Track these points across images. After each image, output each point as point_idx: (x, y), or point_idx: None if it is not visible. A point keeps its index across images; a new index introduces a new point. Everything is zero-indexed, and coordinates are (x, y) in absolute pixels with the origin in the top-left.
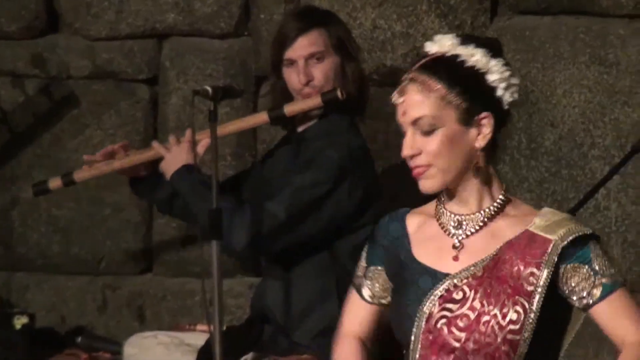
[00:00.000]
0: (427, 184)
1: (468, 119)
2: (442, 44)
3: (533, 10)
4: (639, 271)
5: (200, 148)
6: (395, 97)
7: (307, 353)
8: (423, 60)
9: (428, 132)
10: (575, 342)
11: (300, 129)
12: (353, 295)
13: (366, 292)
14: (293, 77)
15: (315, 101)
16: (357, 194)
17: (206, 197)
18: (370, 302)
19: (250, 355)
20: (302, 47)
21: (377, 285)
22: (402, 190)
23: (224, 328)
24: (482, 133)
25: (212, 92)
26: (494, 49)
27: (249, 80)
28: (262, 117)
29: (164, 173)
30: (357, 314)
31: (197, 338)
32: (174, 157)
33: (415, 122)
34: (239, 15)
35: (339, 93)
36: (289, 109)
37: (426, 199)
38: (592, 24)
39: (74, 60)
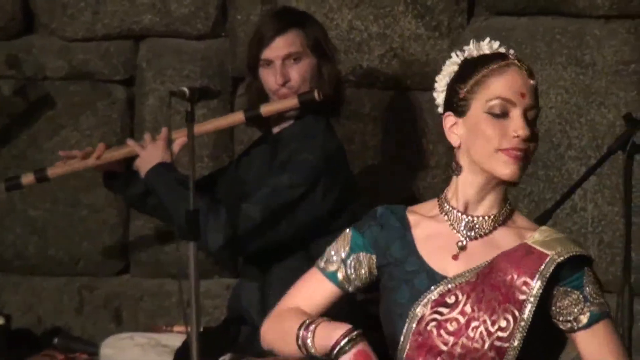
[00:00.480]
0: (520, 168)
1: None
2: (495, 45)
3: (510, 11)
4: (615, 272)
5: (176, 146)
6: (523, 77)
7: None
8: (510, 54)
9: (533, 121)
10: None
11: (276, 129)
12: (317, 275)
13: (340, 274)
14: (270, 78)
15: (292, 102)
16: (332, 195)
17: (181, 196)
18: (339, 284)
19: (227, 356)
20: (279, 47)
21: (353, 272)
22: (380, 191)
23: (201, 329)
24: None
25: (189, 93)
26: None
27: (226, 81)
28: (238, 116)
29: (139, 171)
30: (321, 296)
31: (174, 339)
32: (149, 154)
33: (529, 110)
34: (216, 16)
35: (315, 94)
36: (266, 109)
37: (404, 200)
38: (568, 25)
39: (50, 61)
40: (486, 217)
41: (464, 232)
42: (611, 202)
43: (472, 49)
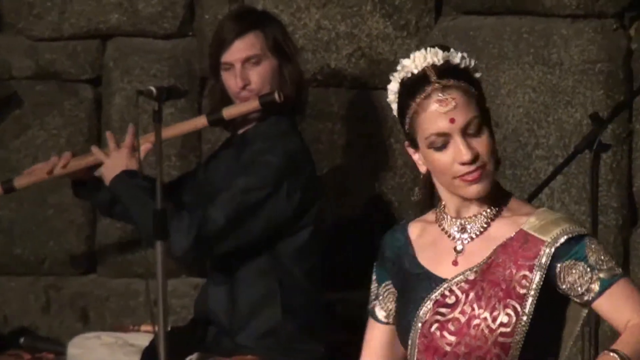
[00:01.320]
0: (481, 187)
1: (485, 108)
2: (429, 56)
3: (477, 11)
4: None
5: (141, 153)
6: (442, 107)
7: (250, 354)
8: (433, 70)
9: (476, 133)
10: None
11: (240, 131)
12: (369, 323)
13: (380, 314)
14: (230, 81)
15: (253, 104)
16: (296, 196)
17: (144, 203)
18: (386, 322)
19: (194, 356)
20: (238, 50)
21: (389, 303)
22: (347, 190)
23: (168, 328)
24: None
25: (156, 93)
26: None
27: (194, 80)
28: (201, 121)
29: (104, 179)
30: (375, 339)
31: (141, 338)
32: (113, 162)
33: (466, 126)
34: (183, 16)
35: (276, 96)
36: (228, 112)
37: (371, 199)
38: (535, 24)
39: (16, 60)
40: (478, 216)
41: (458, 235)
42: (578, 201)
43: (400, 69)
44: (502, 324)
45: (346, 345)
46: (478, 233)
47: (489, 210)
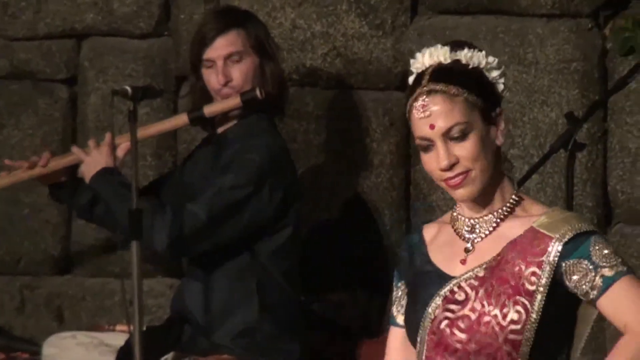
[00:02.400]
0: (466, 191)
1: (489, 117)
2: (436, 54)
3: (453, 10)
4: None
5: (120, 151)
6: (420, 114)
7: (226, 353)
8: (427, 74)
9: (460, 138)
10: None
11: (220, 129)
12: (390, 330)
13: (397, 314)
14: (212, 78)
15: (235, 101)
16: (277, 195)
17: (127, 199)
18: (402, 325)
19: (170, 355)
20: (220, 47)
21: (404, 302)
22: (324, 190)
23: (144, 328)
24: (499, 129)
25: (132, 92)
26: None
27: (169, 80)
28: (182, 118)
29: (84, 177)
30: (393, 345)
31: (117, 338)
32: (93, 160)
33: (447, 132)
34: (159, 15)
35: (258, 92)
36: (209, 109)
37: (348, 199)
38: (511, 24)
39: None
40: (489, 215)
41: (467, 235)
42: (554, 200)
43: (412, 65)
44: (512, 321)
45: (323, 345)
46: (487, 233)
47: (500, 211)
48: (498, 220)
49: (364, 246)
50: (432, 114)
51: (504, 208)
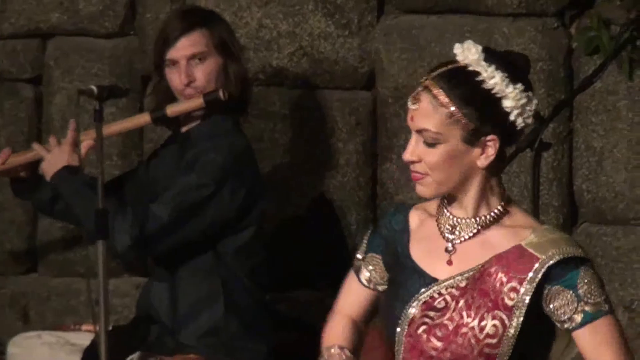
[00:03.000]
0: (420, 190)
1: (473, 140)
2: (467, 54)
3: (419, 9)
4: None
5: (83, 149)
6: (410, 102)
7: (193, 353)
8: (444, 68)
9: (429, 144)
10: None
11: (184, 129)
12: (351, 277)
13: (363, 276)
14: (175, 78)
15: (197, 102)
16: (240, 195)
17: (87, 198)
18: (367, 286)
19: (136, 355)
20: (184, 47)
21: (375, 272)
22: (290, 190)
23: (110, 328)
24: (486, 154)
25: (97, 92)
26: (518, 71)
27: (135, 79)
28: (144, 118)
29: (45, 174)
30: (353, 296)
31: (83, 338)
32: (54, 158)
33: (420, 131)
34: (125, 15)
35: (221, 94)
36: (171, 110)
37: (314, 199)
38: (477, 23)
39: None
40: (472, 219)
41: (447, 235)
42: (520, 200)
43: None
44: (488, 335)
45: (289, 344)
46: (467, 237)
47: (483, 218)
48: (479, 227)
49: (330, 245)
50: (416, 108)
51: (488, 216)
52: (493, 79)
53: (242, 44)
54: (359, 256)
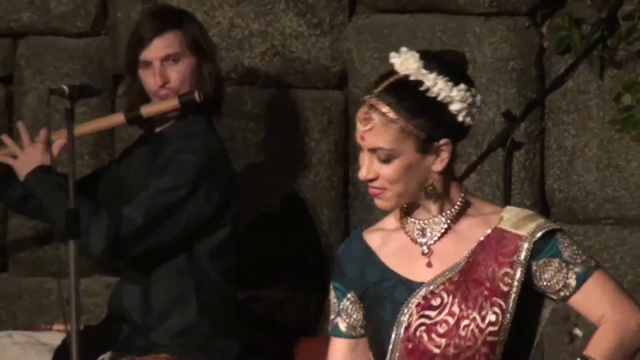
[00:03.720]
0: (381, 204)
1: (427, 148)
2: (406, 65)
3: (391, 9)
4: None
5: (55, 148)
6: (359, 123)
7: (164, 353)
8: (386, 82)
9: (384, 161)
10: None
11: (157, 129)
12: (330, 343)
13: (342, 326)
14: (149, 79)
15: (173, 103)
16: (215, 196)
17: (61, 199)
18: (348, 335)
19: (107, 355)
20: (157, 48)
21: (354, 313)
22: (262, 189)
23: (81, 327)
24: (440, 157)
25: (69, 91)
26: (457, 70)
27: (107, 79)
28: (118, 118)
29: (18, 173)
30: (338, 353)
31: (54, 337)
32: (27, 157)
33: (372, 150)
34: (96, 14)
35: (196, 95)
36: (146, 110)
37: (286, 198)
38: (449, 22)
39: None
40: (439, 216)
41: (419, 239)
42: (491, 199)
43: (391, 57)
44: (490, 323)
45: (261, 343)
46: (439, 234)
47: (449, 212)
48: (448, 221)
49: (302, 245)
50: (366, 127)
51: (453, 210)
52: (436, 86)
53: (214, 43)
54: (331, 317)
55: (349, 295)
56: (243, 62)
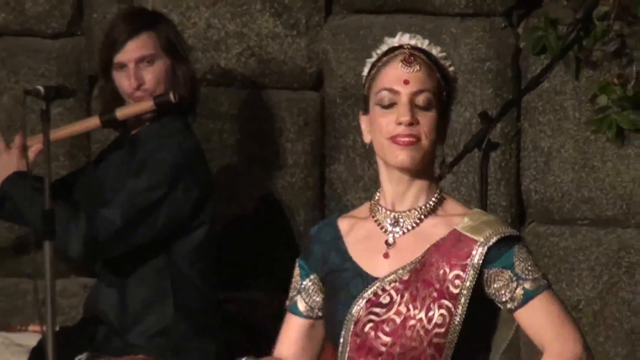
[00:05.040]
0: (408, 157)
1: (446, 112)
2: (415, 38)
3: (367, 9)
4: None
5: (32, 154)
6: (402, 65)
7: (141, 353)
8: (411, 46)
9: (424, 108)
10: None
11: (133, 130)
12: (287, 317)
13: (301, 306)
14: (124, 81)
15: (148, 105)
16: (192, 195)
17: (38, 202)
18: (306, 315)
19: (83, 356)
20: (132, 50)
21: (314, 295)
22: (238, 190)
23: (57, 328)
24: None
25: (44, 92)
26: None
27: (82, 80)
28: (94, 121)
29: None
30: (293, 331)
31: (29, 338)
32: (3, 164)
33: (417, 93)
34: (72, 15)
35: (171, 96)
36: (121, 112)
37: (262, 198)
38: (425, 23)
39: None
40: (412, 210)
41: (390, 228)
42: (468, 199)
43: (383, 43)
44: (436, 325)
45: (237, 344)
46: (410, 228)
47: (423, 207)
48: (422, 216)
49: (278, 245)
50: (411, 71)
51: (427, 206)
52: (442, 59)
53: (190, 44)
54: (291, 294)
55: (311, 277)
56: (219, 63)
